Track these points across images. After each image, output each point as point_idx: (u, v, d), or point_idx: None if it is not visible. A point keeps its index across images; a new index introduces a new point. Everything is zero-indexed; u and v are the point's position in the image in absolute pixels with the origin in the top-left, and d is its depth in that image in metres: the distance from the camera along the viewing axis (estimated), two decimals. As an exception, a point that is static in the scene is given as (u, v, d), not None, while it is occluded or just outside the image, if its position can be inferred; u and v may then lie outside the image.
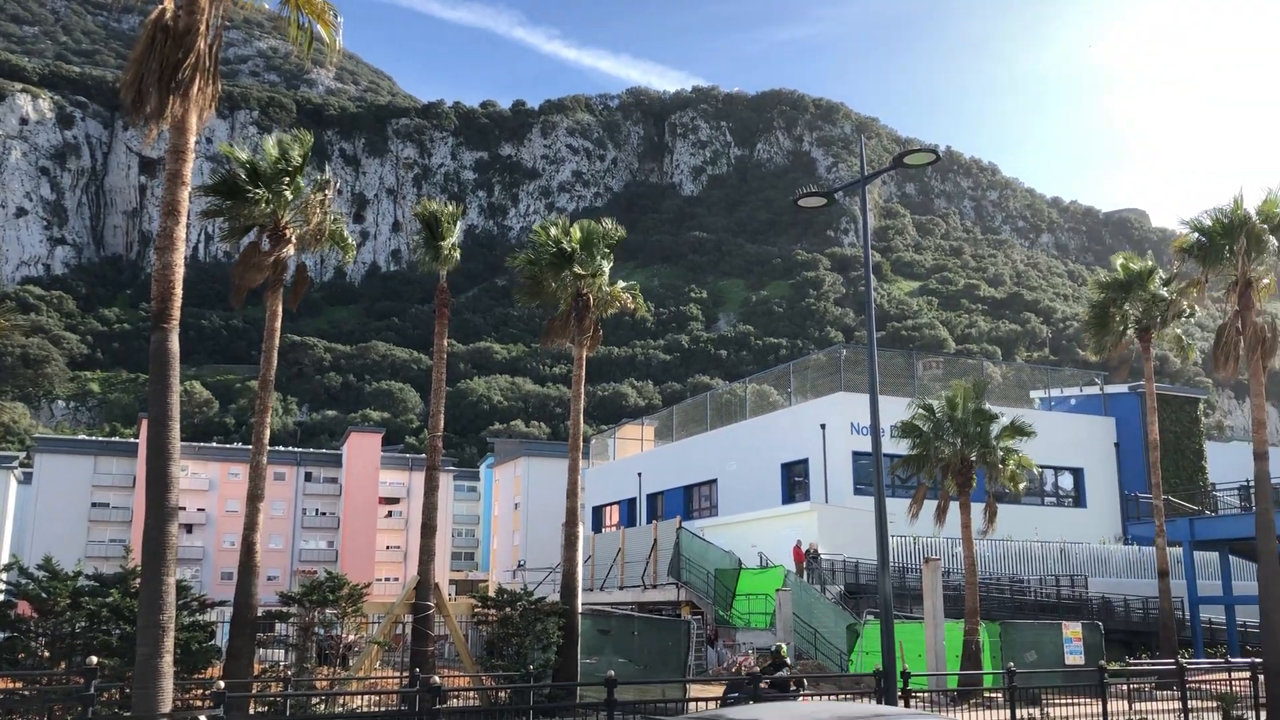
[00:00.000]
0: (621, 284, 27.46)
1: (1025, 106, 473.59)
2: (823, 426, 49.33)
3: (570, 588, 25.51)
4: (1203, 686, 24.67)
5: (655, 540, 41.34)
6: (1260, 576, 24.89)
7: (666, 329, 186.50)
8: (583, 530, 38.55)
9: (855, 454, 47.92)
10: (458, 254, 26.00)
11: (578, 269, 25.96)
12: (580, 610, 25.85)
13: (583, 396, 27.40)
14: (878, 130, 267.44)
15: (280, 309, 23.57)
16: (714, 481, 58.63)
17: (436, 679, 15.31)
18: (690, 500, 61.08)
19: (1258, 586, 25.27)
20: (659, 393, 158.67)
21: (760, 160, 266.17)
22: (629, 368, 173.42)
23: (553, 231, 26.32)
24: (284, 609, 23.56)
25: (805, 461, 51.04)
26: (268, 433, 23.33)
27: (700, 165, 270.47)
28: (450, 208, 25.99)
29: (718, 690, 21.44)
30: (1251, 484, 27.18)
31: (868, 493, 44.27)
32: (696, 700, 18.73)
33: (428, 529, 25.13)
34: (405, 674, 21.88)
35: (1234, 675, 24.51)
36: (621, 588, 42.88)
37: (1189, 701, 20.96)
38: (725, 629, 37.72)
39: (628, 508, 66.53)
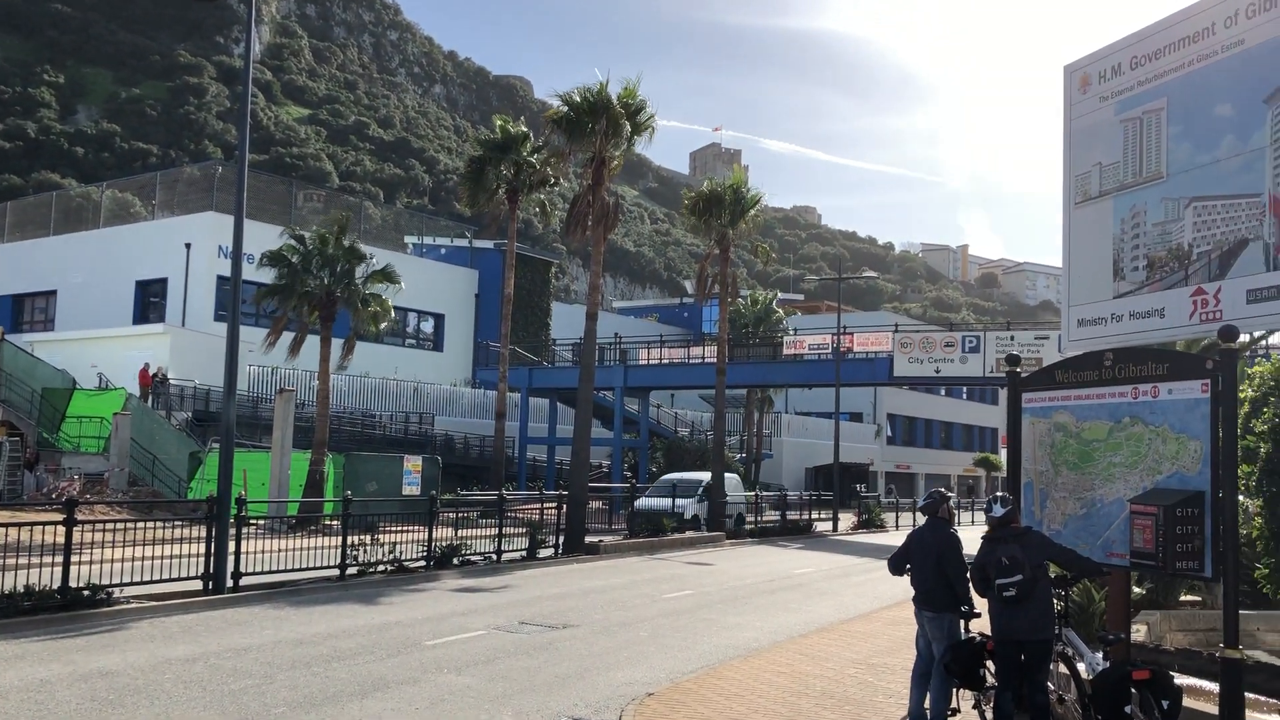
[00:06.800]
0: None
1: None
2: (188, 246, 46.62)
3: None
4: (519, 515, 27.92)
5: (-30, 352, 36.08)
6: (576, 421, 28.48)
7: (9, 111, 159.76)
8: None
9: (220, 278, 45.96)
10: None
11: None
12: None
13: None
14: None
15: None
16: (53, 293, 52.86)
17: None
18: (21, 311, 54.55)
19: (574, 430, 28.90)
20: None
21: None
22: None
23: None
24: None
25: (164, 281, 48.00)
26: None
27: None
28: None
29: (33, 515, 19.34)
30: (582, 341, 30.71)
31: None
32: (5, 526, 16.10)
33: None
34: None
35: (546, 505, 27.99)
36: (-81, 403, 36.99)
37: (505, 528, 23.69)
38: (50, 452, 34.71)
39: (-63, 313, 57.32)
